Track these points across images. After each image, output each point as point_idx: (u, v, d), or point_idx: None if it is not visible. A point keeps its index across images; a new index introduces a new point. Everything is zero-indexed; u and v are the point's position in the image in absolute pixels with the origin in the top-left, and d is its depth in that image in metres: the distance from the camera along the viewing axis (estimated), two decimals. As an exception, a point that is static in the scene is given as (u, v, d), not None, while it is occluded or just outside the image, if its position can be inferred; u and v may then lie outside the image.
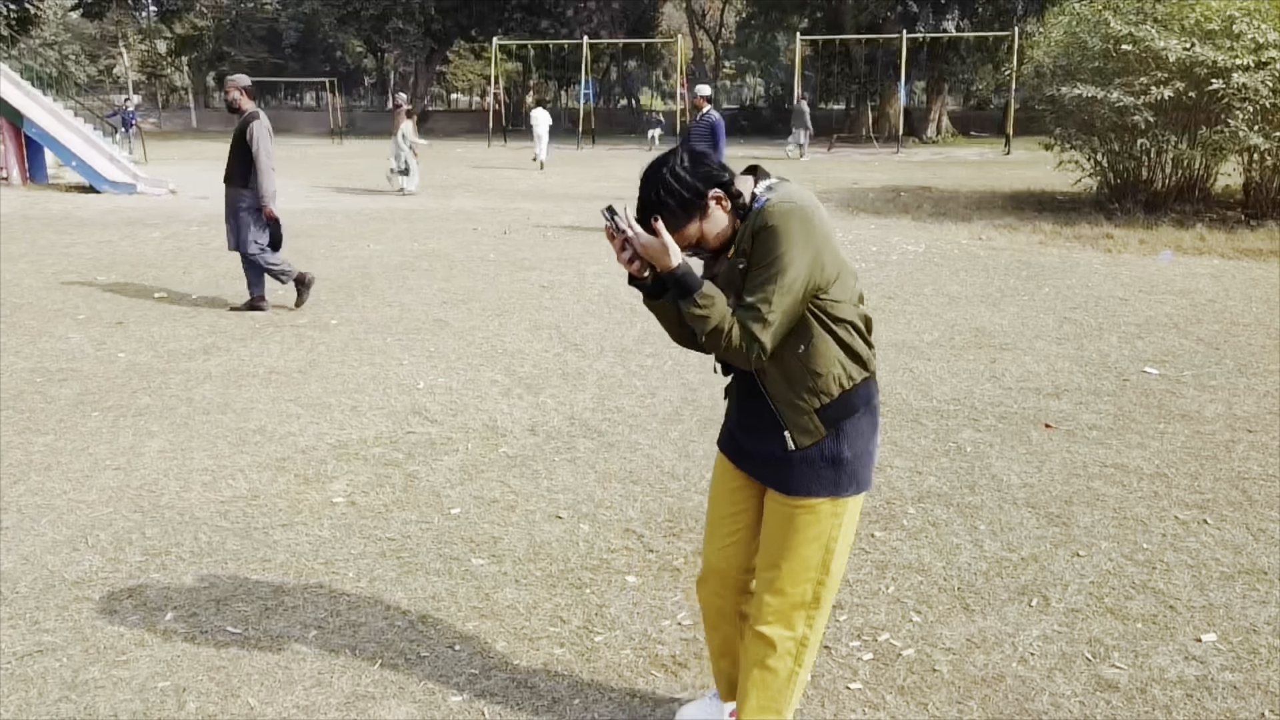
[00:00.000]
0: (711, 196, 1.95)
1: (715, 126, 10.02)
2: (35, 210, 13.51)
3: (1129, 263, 9.16)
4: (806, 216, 1.89)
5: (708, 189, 1.94)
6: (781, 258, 1.86)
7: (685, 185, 1.95)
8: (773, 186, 1.97)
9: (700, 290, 1.90)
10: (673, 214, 1.95)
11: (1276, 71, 10.55)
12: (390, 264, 9.20)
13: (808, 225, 1.88)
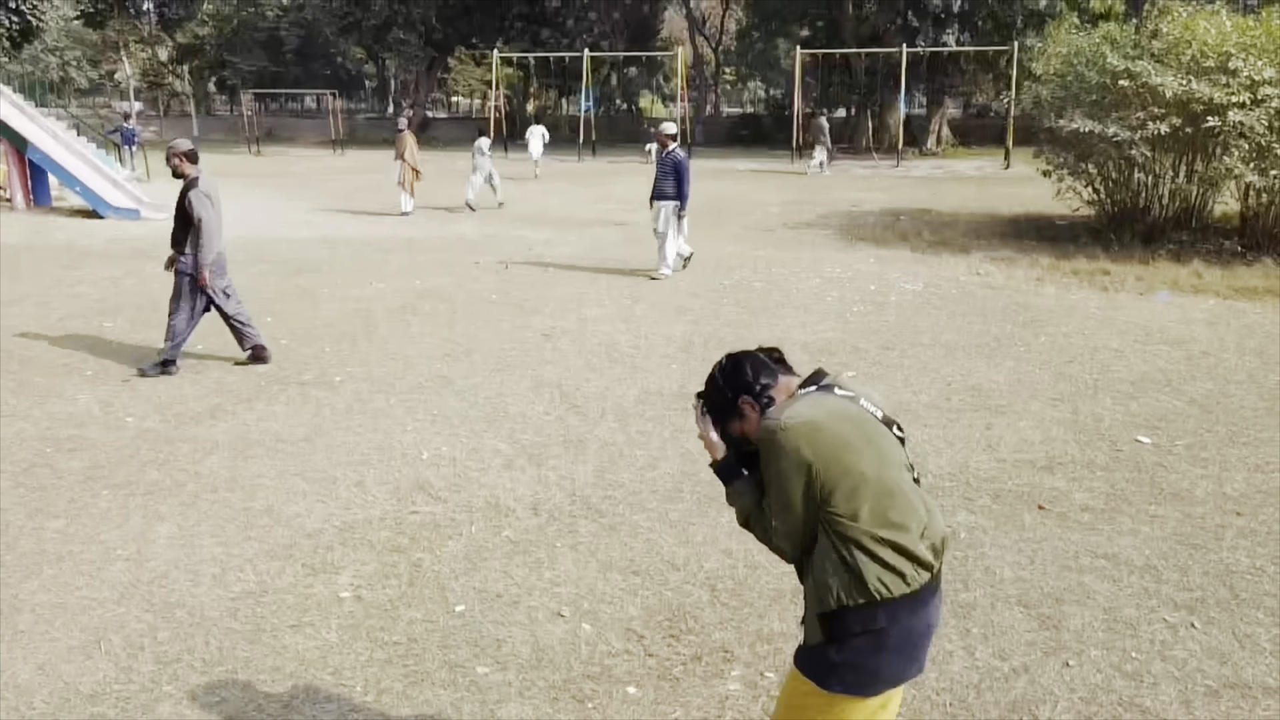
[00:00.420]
0: (742, 402, 2.14)
1: (679, 165, 10.25)
2: (40, 239, 13.61)
3: (1125, 305, 9.24)
4: (802, 437, 1.97)
5: (737, 396, 2.15)
6: (775, 476, 2.02)
7: (720, 390, 2.20)
8: (797, 397, 2.07)
9: (733, 485, 2.19)
10: (717, 412, 2.21)
11: (1272, 109, 10.61)
12: (393, 305, 9.28)
13: (799, 446, 1.97)
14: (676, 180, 10.24)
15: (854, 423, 2.03)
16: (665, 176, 10.35)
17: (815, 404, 2.04)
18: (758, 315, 8.87)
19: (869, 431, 2.04)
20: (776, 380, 2.15)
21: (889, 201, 18.72)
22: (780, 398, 2.12)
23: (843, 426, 2.01)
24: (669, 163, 10.30)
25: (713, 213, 16.79)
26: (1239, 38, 11.48)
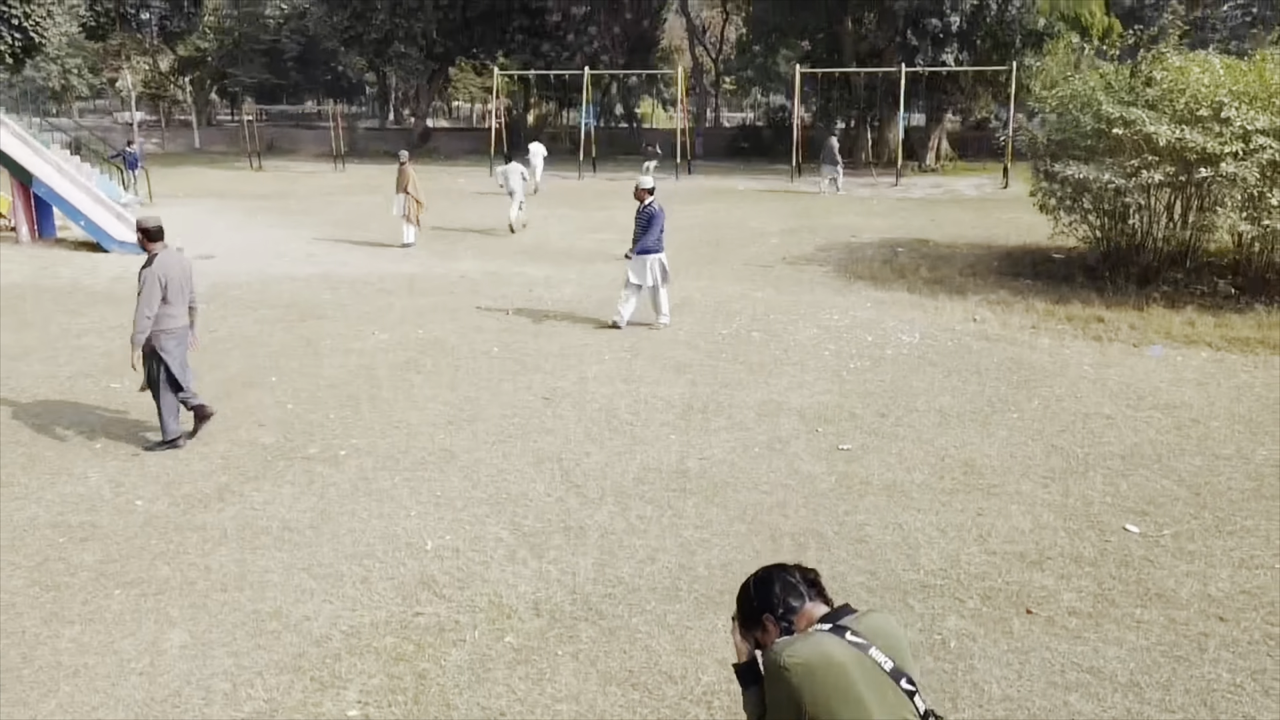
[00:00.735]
0: (765, 618, 2.31)
1: (654, 218, 10.31)
2: (45, 276, 13.74)
3: (1118, 360, 9.36)
4: (798, 679, 2.10)
5: (762, 611, 2.32)
6: (772, 703, 2.15)
7: (749, 599, 2.38)
8: (809, 634, 2.21)
9: (748, 691, 2.36)
10: (744, 619, 2.38)
11: (1263, 160, 10.73)
12: (396, 360, 9.40)
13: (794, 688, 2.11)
14: (646, 226, 10.30)
15: (856, 673, 2.12)
16: (641, 228, 10.41)
17: (821, 648, 2.15)
18: (755, 373, 8.99)
19: (871, 683, 2.13)
20: (803, 604, 2.30)
21: (888, 230, 18.84)
22: (800, 625, 2.26)
23: (842, 676, 2.10)
24: (645, 215, 10.35)
25: (712, 244, 16.91)
26: (1232, 84, 11.60)
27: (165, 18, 42.26)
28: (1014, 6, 27.76)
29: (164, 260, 6.89)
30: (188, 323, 7.14)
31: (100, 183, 21.50)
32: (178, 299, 6.95)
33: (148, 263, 6.88)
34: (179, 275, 6.95)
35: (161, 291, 6.80)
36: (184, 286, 7.01)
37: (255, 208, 22.52)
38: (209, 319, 11.18)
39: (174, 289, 6.90)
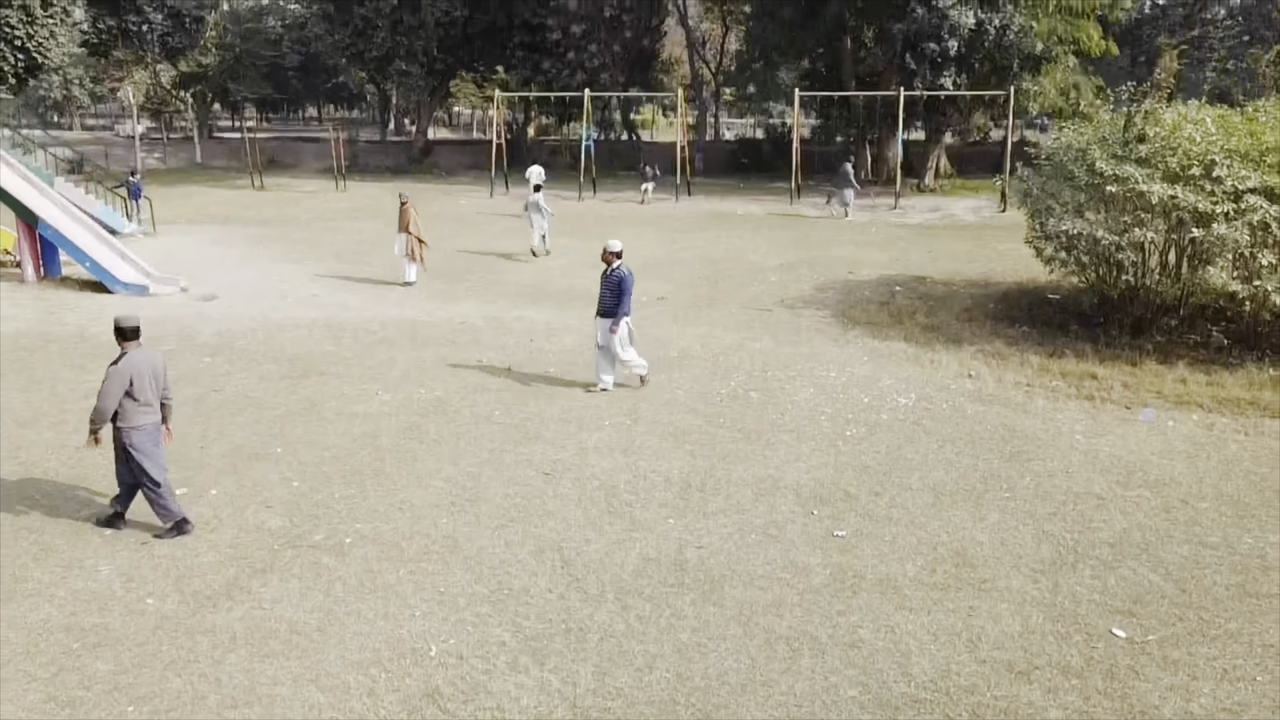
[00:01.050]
0: None
1: (623, 282, 10.30)
2: (51, 323, 13.87)
3: (1109, 429, 9.50)
4: None
5: None
6: None
7: None
8: None
9: None
10: None
11: (1254, 221, 10.88)
12: (399, 427, 9.55)
13: None
14: (619, 294, 10.28)
15: None
16: (611, 293, 10.36)
17: None
18: (754, 442, 9.14)
19: None
20: None
21: (886, 263, 18.99)
22: None
23: None
24: (613, 280, 10.31)
25: (711, 282, 17.06)
26: (1224, 141, 11.74)
27: (167, 34, 42.40)
28: (1012, 31, 27.89)
29: (133, 359, 7.07)
30: (160, 418, 7.27)
31: (104, 213, 21.69)
32: (146, 397, 7.08)
33: (116, 360, 7.06)
34: (148, 373, 7.12)
35: (126, 389, 6.96)
36: (154, 383, 7.17)
37: (258, 237, 22.65)
38: (215, 375, 11.35)
39: (141, 386, 7.03)
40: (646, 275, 17.84)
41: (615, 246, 10.49)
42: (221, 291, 16.28)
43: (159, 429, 7.29)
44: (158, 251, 20.12)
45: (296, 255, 20.13)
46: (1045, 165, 13.89)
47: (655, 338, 13.14)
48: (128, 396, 7.01)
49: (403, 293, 16.32)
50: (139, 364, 7.08)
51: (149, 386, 7.11)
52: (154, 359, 7.30)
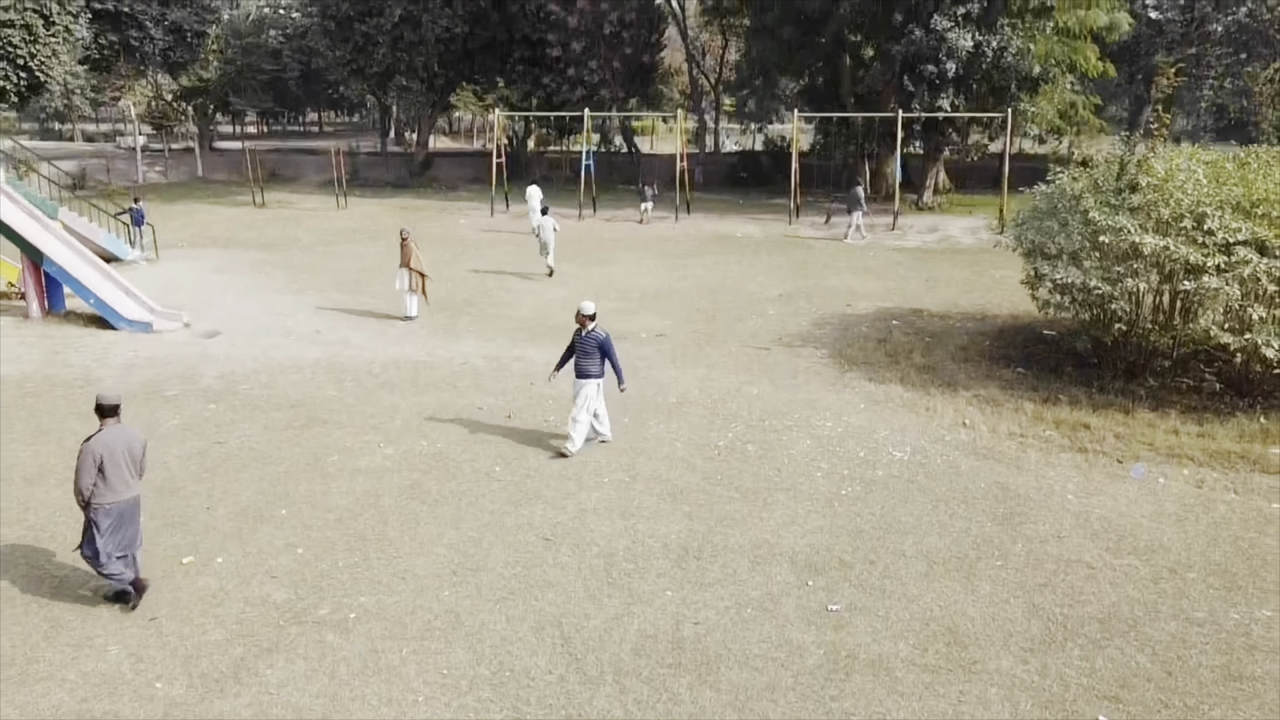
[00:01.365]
0: None
1: (604, 345, 10.32)
2: (56, 365, 14.00)
3: (1101, 488, 9.64)
4: None
5: None
6: None
7: None
8: None
9: None
10: None
11: (1244, 275, 11.02)
12: (401, 485, 9.69)
13: None
14: (603, 357, 10.28)
15: None
16: (587, 356, 10.34)
17: None
18: (751, 502, 9.29)
19: None
20: None
21: (883, 295, 19.14)
22: None
23: None
24: (591, 342, 10.30)
25: (709, 316, 17.20)
26: (1215, 192, 11.88)
27: (169, 49, 42.54)
28: (1009, 53, 28.04)
29: (105, 437, 7.18)
30: (133, 496, 7.33)
31: (108, 240, 21.84)
32: (117, 476, 7.17)
33: (91, 435, 7.20)
34: (121, 451, 7.21)
35: (96, 468, 7.07)
36: (128, 461, 7.26)
37: (260, 263, 22.78)
38: (218, 424, 11.50)
39: (113, 465, 7.13)
40: (646, 308, 18.04)
41: (589, 309, 10.44)
42: (224, 326, 16.43)
43: (131, 506, 7.34)
44: (160, 280, 20.28)
45: (298, 284, 20.27)
46: (1041, 206, 14.02)
47: (655, 380, 13.29)
48: (99, 472, 7.11)
49: (404, 329, 16.46)
50: (111, 442, 7.19)
51: (122, 464, 7.21)
52: (130, 437, 7.40)
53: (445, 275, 20.87)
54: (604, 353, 10.35)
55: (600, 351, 10.35)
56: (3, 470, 10.03)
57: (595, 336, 10.38)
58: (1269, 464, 10.26)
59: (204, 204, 35.21)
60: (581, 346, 10.44)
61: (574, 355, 10.55)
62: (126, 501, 7.30)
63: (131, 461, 7.33)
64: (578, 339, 10.51)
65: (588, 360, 10.38)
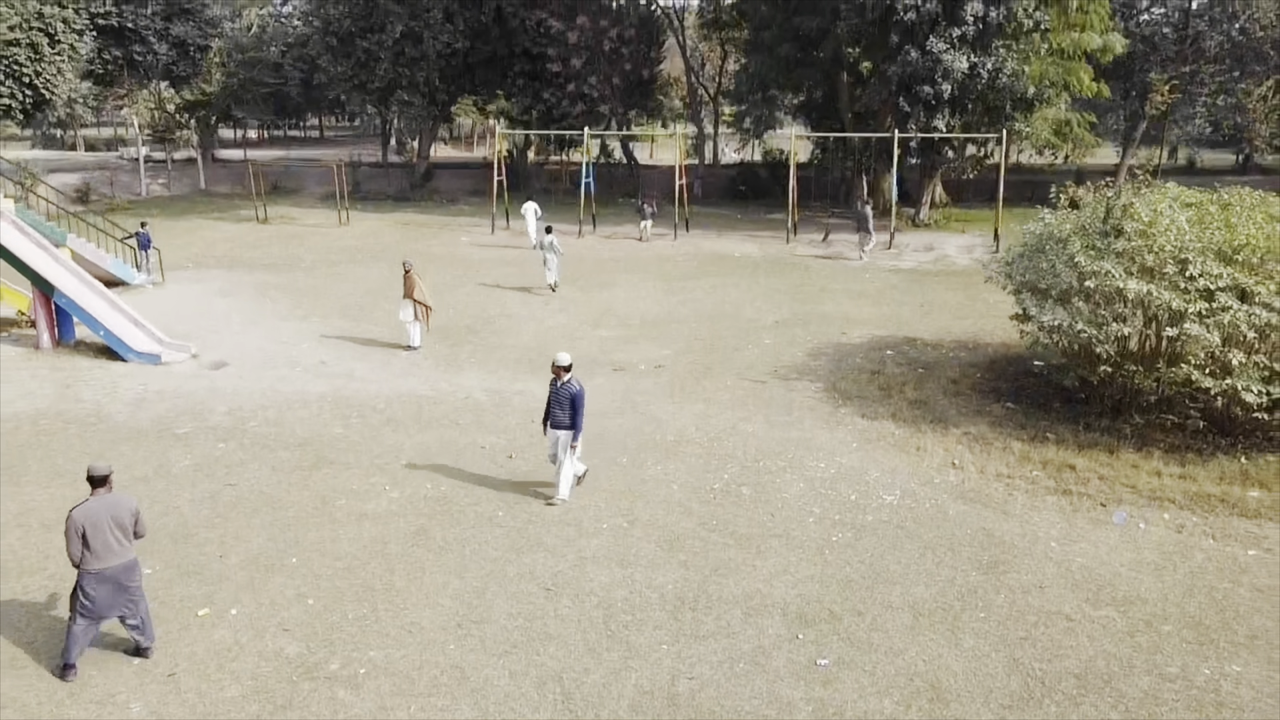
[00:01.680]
0: None
1: (575, 398, 10.45)
2: (67, 400, 14.32)
3: (1083, 535, 9.98)
4: None
5: None
6: None
7: None
8: None
9: None
10: None
11: (1224, 321, 11.34)
12: (407, 530, 10.03)
13: None
14: (572, 411, 10.48)
15: None
16: (560, 406, 10.52)
17: None
18: (745, 549, 9.62)
19: None
20: None
21: (878, 322, 19.47)
22: None
23: None
24: (565, 394, 10.49)
25: (707, 347, 17.52)
26: (1198, 239, 12.22)
27: (172, 63, 42.88)
28: (1004, 74, 28.38)
29: (90, 509, 7.43)
30: (122, 563, 7.53)
31: (115, 265, 22.18)
32: (103, 545, 7.39)
33: (77, 505, 7.49)
34: (106, 522, 7.43)
35: (80, 538, 7.34)
36: (114, 529, 7.45)
37: (264, 286, 23.12)
38: (229, 465, 11.83)
39: (97, 534, 7.37)
40: (645, 336, 18.38)
41: (564, 360, 10.59)
42: (231, 356, 16.76)
43: (122, 571, 7.53)
44: (167, 304, 20.63)
45: (303, 310, 20.59)
46: (1030, 244, 14.36)
47: (653, 416, 13.63)
48: (82, 541, 7.36)
49: (408, 359, 16.79)
50: (96, 513, 7.42)
51: (108, 532, 7.42)
52: (119, 506, 7.59)
53: (447, 300, 21.22)
54: (574, 407, 10.45)
55: (571, 405, 10.46)
56: (21, 515, 10.37)
57: (569, 389, 10.49)
58: (1247, 507, 10.61)
59: (208, 220, 35.54)
60: (556, 398, 10.57)
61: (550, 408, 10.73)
62: (116, 568, 7.51)
63: (119, 529, 7.50)
64: (553, 390, 10.66)
65: (562, 412, 10.51)
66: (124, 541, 7.59)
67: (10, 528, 10.10)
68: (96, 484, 7.63)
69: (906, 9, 28.01)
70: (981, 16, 27.69)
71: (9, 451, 12.24)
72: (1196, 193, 14.18)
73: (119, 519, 7.57)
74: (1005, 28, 27.79)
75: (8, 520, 10.26)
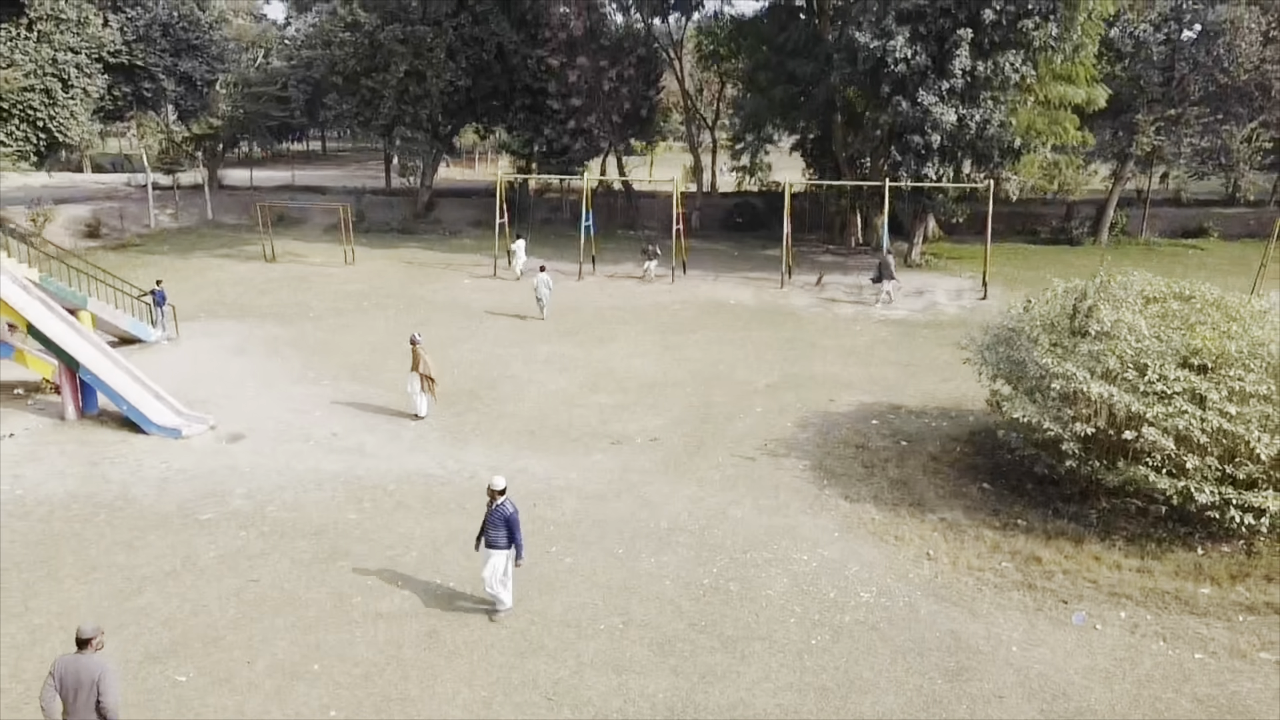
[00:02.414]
0: None
1: (510, 520, 10.91)
2: (95, 481, 15.15)
3: (1043, 638, 10.80)
4: None
5: None
6: None
7: None
8: None
9: None
10: None
11: (1179, 426, 12.15)
12: (420, 633, 10.85)
13: None
14: (508, 531, 10.94)
15: None
16: (495, 528, 10.95)
17: None
18: (730, 653, 10.47)
19: None
20: None
21: (865, 384, 20.31)
22: None
23: None
24: (499, 516, 10.92)
25: (700, 417, 18.32)
26: (1157, 344, 13.04)
27: (180, 98, 43.77)
28: (992, 125, 29.22)
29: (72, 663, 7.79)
30: None
31: (132, 324, 23.03)
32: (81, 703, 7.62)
33: (66, 654, 8.00)
34: (72, 683, 7.68)
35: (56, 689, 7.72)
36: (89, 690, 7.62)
37: (275, 340, 23.95)
38: (250, 557, 12.65)
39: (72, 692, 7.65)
40: (642, 403, 19.21)
41: (498, 485, 11.08)
42: (248, 427, 17.60)
43: None
44: (183, 365, 21.48)
45: (314, 371, 21.41)
46: (1001, 335, 15.18)
47: (648, 500, 14.47)
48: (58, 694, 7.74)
49: (416, 431, 17.61)
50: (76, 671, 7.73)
51: (85, 693, 7.64)
52: (91, 670, 7.76)
53: (452, 358, 22.06)
54: (509, 528, 11.00)
55: (506, 525, 11.01)
56: (61, 615, 11.19)
57: (503, 511, 10.93)
58: (1197, 605, 11.45)
59: (216, 258, 36.35)
60: (491, 519, 10.99)
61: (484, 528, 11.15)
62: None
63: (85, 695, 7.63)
64: (488, 512, 11.05)
65: (496, 532, 10.94)
66: (90, 709, 7.69)
67: (53, 630, 10.93)
68: (80, 645, 7.92)
69: (897, 62, 28.84)
70: (970, 70, 28.52)
71: (44, 542, 13.09)
72: (1161, 284, 14.98)
73: (87, 682, 7.73)
74: (993, 81, 28.61)
75: (49, 622, 11.10)
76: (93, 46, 36.42)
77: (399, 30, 38.45)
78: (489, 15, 40.28)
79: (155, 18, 44.22)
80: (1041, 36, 27.84)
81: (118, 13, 41.86)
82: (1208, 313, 13.88)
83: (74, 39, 35.50)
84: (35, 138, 34.33)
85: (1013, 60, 28.16)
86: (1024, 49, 28.38)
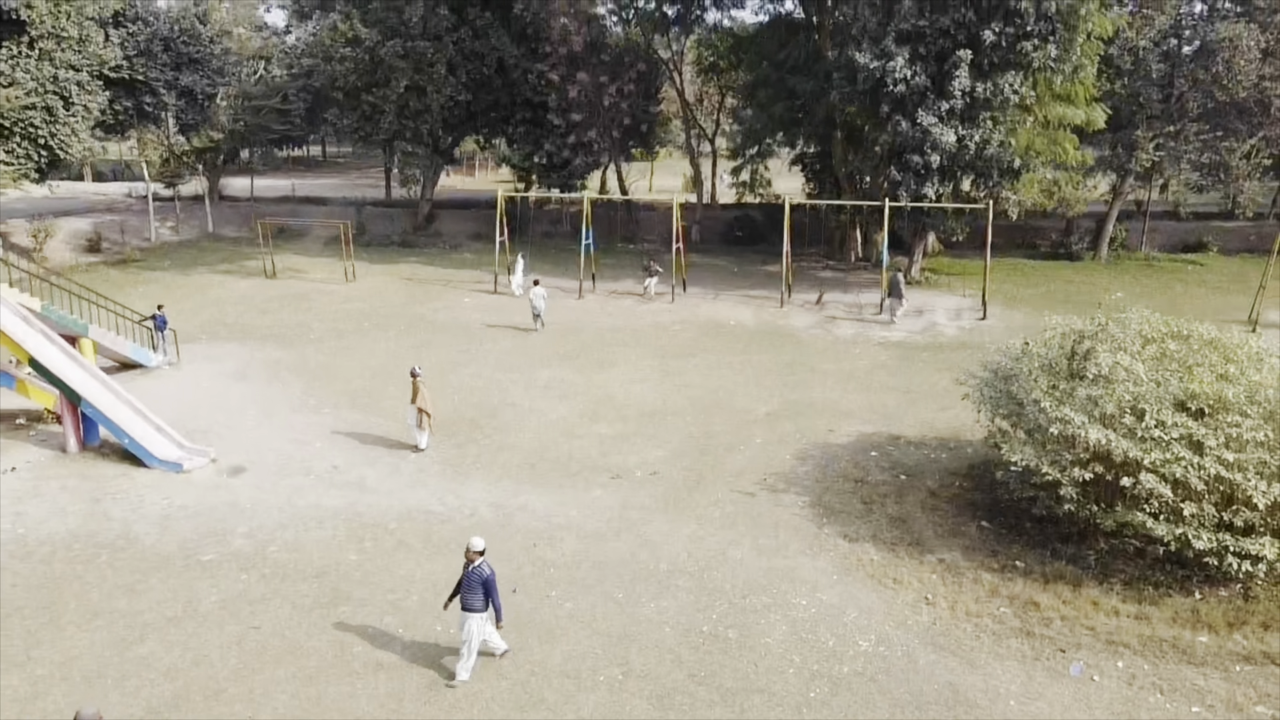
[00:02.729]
0: None
1: (487, 582, 10.85)
2: (97, 519, 15.19)
3: (1042, 691, 10.85)
4: None
5: None
6: None
7: None
8: None
9: None
10: None
11: (1175, 473, 12.21)
12: (421, 685, 10.90)
13: None
14: (485, 594, 10.88)
15: None
16: (472, 590, 10.87)
17: None
18: (729, 706, 10.52)
19: None
20: None
21: (864, 413, 20.35)
22: None
23: None
24: (476, 578, 10.86)
25: (700, 449, 18.36)
26: (1155, 389, 13.09)
27: (181, 112, 43.84)
28: (992, 145, 29.27)
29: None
30: None
31: (133, 350, 23.10)
32: None
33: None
34: None
35: None
36: None
37: (276, 365, 24.01)
38: (251, 602, 12.70)
39: None
40: (642, 433, 19.26)
41: (478, 546, 11.02)
42: (248, 459, 17.65)
43: None
44: (184, 392, 21.54)
45: (314, 399, 21.46)
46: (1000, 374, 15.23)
47: (648, 539, 14.52)
48: None
49: (416, 464, 17.66)
50: None
51: None
52: None
53: (452, 384, 22.14)
54: (486, 590, 10.96)
55: (483, 588, 10.96)
56: (64, 665, 11.25)
57: (480, 573, 10.85)
58: (1195, 654, 11.50)
59: (217, 274, 36.42)
60: (467, 581, 10.89)
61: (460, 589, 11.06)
62: None
63: None
64: (465, 573, 10.96)
65: (472, 595, 10.85)
66: None
67: (54, 681, 10.99)
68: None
69: (896, 82, 28.90)
70: (969, 91, 28.57)
71: (45, 585, 13.14)
72: (1159, 322, 15.02)
73: None
74: (992, 102, 28.66)
75: (51, 672, 11.16)
76: (94, 63, 36.47)
77: (399, 45, 38.53)
78: (489, 29, 40.39)
79: (156, 32, 44.27)
80: (1041, 58, 27.92)
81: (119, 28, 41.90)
82: (1205, 353, 13.93)
83: (75, 56, 35.57)
84: (36, 155, 34.40)
85: (1012, 81, 28.21)
86: (1023, 70, 28.46)
